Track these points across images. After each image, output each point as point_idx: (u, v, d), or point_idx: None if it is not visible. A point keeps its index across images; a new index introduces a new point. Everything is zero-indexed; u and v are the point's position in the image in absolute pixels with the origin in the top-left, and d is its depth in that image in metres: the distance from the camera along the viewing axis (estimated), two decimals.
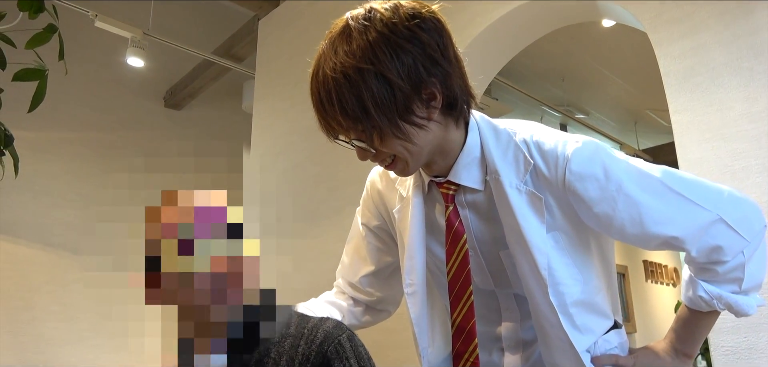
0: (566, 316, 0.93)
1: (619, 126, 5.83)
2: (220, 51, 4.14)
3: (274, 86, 3.38)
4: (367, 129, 0.85)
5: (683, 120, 1.69)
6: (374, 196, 1.15)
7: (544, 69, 4.61)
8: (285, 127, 3.19)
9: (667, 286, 6.57)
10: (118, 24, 3.37)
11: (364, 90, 0.82)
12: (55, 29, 1.29)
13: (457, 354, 0.99)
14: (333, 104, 0.84)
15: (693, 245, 0.93)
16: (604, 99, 5.25)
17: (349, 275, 1.18)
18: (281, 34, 3.48)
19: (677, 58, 1.73)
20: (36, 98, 1.27)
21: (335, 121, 0.86)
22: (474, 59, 2.39)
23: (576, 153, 0.90)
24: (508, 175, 0.93)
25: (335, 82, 0.83)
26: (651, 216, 0.91)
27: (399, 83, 0.83)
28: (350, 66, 0.82)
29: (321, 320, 0.90)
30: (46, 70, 1.28)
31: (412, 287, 1.02)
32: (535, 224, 0.92)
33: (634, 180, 0.91)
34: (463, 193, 0.99)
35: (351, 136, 0.88)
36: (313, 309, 1.11)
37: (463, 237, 0.97)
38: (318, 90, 0.86)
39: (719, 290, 0.96)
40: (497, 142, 0.96)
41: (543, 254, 0.91)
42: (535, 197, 0.92)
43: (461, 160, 0.96)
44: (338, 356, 0.84)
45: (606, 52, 4.41)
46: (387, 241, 1.15)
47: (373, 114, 0.83)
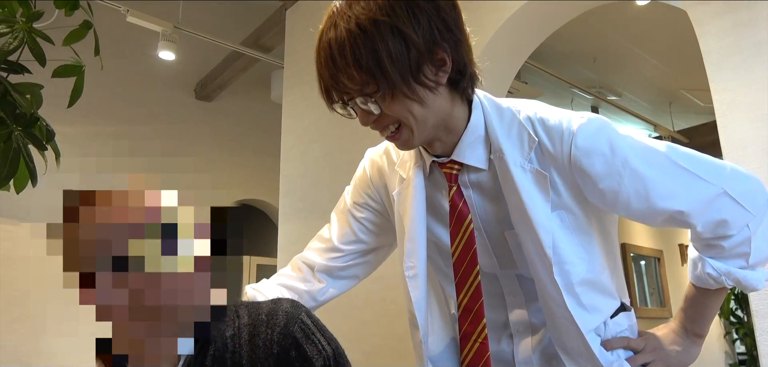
0: (572, 295, 0.92)
1: (653, 107, 5.69)
2: (248, 42, 4.17)
3: (303, 75, 3.39)
4: (381, 85, 0.82)
5: (726, 99, 1.63)
6: (374, 175, 1.13)
7: (574, 50, 4.52)
8: (315, 115, 3.20)
9: None
10: (149, 18, 3.42)
11: (380, 43, 0.80)
12: (90, 25, 1.30)
13: (465, 335, 0.98)
14: (345, 57, 0.82)
15: (698, 220, 0.92)
16: (638, 80, 5.12)
17: (328, 242, 1.15)
18: (308, 23, 3.49)
19: (719, 35, 1.67)
20: (74, 94, 1.29)
21: (346, 75, 0.83)
22: (504, 43, 2.35)
23: (581, 128, 0.90)
24: (513, 154, 0.93)
25: (350, 34, 0.81)
26: (656, 191, 0.91)
27: (414, 39, 0.82)
28: (367, 18, 0.81)
29: (275, 302, 0.89)
30: (83, 65, 1.30)
31: (413, 269, 1.01)
32: (540, 202, 0.91)
33: (640, 155, 0.91)
34: (467, 173, 0.97)
35: (358, 95, 0.85)
36: (264, 292, 1.09)
37: (467, 217, 0.96)
38: (328, 45, 0.84)
39: (727, 266, 0.95)
40: (501, 120, 0.95)
41: (548, 233, 0.91)
42: (540, 174, 0.92)
43: (465, 139, 0.94)
44: (305, 335, 0.85)
45: (640, 32, 4.30)
46: (377, 222, 1.13)
47: (387, 68, 0.81)
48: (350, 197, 1.16)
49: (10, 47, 1.16)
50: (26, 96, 1.19)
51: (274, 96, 4.63)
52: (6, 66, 1.18)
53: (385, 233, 1.14)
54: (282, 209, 3.26)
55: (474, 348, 0.98)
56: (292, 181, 3.25)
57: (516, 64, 2.57)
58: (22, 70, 1.20)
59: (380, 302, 2.47)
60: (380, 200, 1.12)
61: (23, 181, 1.21)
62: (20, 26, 1.18)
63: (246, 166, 5.17)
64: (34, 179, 1.20)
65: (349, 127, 2.86)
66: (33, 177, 1.19)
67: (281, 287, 1.12)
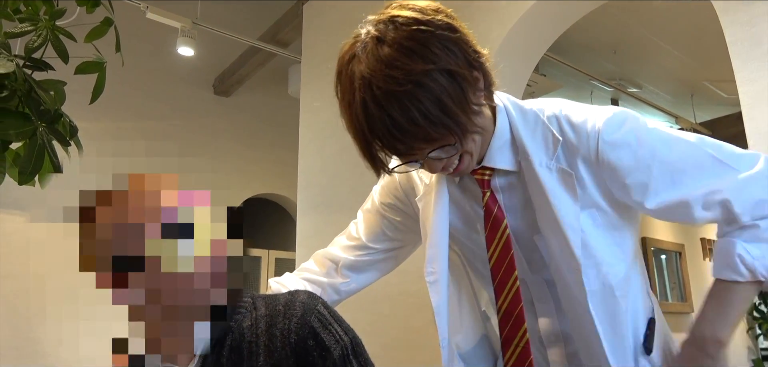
0: (599, 302, 0.90)
1: (675, 99, 5.60)
2: (265, 37, 4.18)
3: (320, 70, 3.39)
4: (455, 132, 0.80)
5: (752, 91, 1.60)
6: (401, 178, 1.13)
7: (594, 42, 4.46)
8: (332, 110, 3.19)
9: None
10: (169, 15, 3.46)
11: (439, 90, 0.77)
12: (111, 22, 1.32)
13: (506, 340, 0.97)
14: (411, 118, 0.77)
15: (736, 199, 0.87)
16: (659, 71, 5.04)
17: (357, 240, 1.17)
18: (325, 17, 3.49)
19: (745, 24, 1.63)
20: (96, 90, 1.31)
21: (414, 136, 0.79)
22: (522, 36, 2.33)
23: (607, 123, 0.89)
24: (538, 155, 0.92)
25: (407, 94, 0.76)
26: (688, 178, 0.88)
27: (461, 72, 0.80)
28: (417, 71, 0.77)
29: (292, 293, 0.91)
30: (105, 62, 1.32)
31: (433, 275, 1.00)
32: (568, 202, 0.90)
33: (667, 145, 0.89)
34: (497, 178, 0.97)
35: (433, 150, 0.83)
36: (288, 285, 1.11)
37: (503, 222, 0.96)
38: (381, 115, 0.78)
39: (762, 250, 0.87)
40: (525, 122, 0.95)
41: (576, 233, 0.89)
42: (566, 173, 0.90)
43: (494, 144, 0.94)
44: (323, 325, 0.86)
45: (661, 22, 4.23)
46: (405, 222, 1.14)
47: (455, 110, 0.78)
48: (378, 197, 1.17)
49: (34, 45, 1.18)
50: (50, 93, 1.21)
51: (291, 91, 4.64)
52: (30, 63, 1.20)
53: (412, 233, 1.15)
54: (300, 203, 3.27)
55: (516, 353, 0.96)
56: (310, 175, 3.26)
57: (535, 57, 2.55)
58: (46, 67, 1.22)
59: (400, 295, 2.47)
60: (407, 201, 1.13)
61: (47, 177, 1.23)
62: (44, 24, 1.20)
63: (264, 161, 5.20)
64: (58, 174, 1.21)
65: None
66: (57, 172, 1.21)
67: (304, 281, 1.14)
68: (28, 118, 1.13)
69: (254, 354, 0.85)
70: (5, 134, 1.10)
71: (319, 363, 0.84)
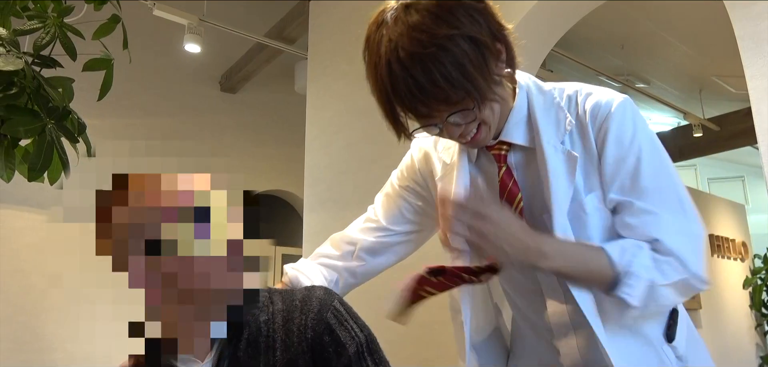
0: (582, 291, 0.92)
1: (683, 94, 5.57)
2: (272, 34, 4.19)
3: (327, 66, 3.39)
4: (474, 96, 0.83)
5: (762, 86, 1.58)
6: (420, 163, 1.15)
7: (601, 37, 4.44)
8: (339, 106, 3.20)
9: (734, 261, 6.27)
10: (175, 11, 3.47)
11: (460, 54, 0.80)
12: (119, 19, 1.32)
13: None
14: (433, 79, 0.80)
15: (666, 232, 0.88)
16: (667, 66, 5.01)
17: (376, 222, 1.18)
18: (332, 13, 3.49)
19: (754, 19, 1.62)
20: (104, 87, 1.32)
21: (438, 99, 0.82)
22: (529, 31, 2.32)
23: (621, 103, 0.94)
24: (548, 133, 0.95)
25: (430, 56, 0.79)
26: (643, 181, 0.90)
27: (484, 40, 0.83)
28: (440, 35, 0.80)
29: (308, 289, 0.92)
30: (112, 59, 1.32)
31: (454, 251, 1.01)
32: (563, 183, 0.92)
33: (651, 150, 0.92)
34: (513, 154, 0.99)
35: (451, 114, 0.85)
36: (303, 270, 1.11)
37: (517, 196, 0.97)
38: (404, 75, 0.81)
39: (633, 247, 0.87)
40: (542, 101, 0.98)
41: (562, 214, 0.91)
42: (570, 156, 0.93)
43: (511, 119, 0.97)
44: (339, 321, 0.87)
45: (669, 17, 4.20)
46: (423, 207, 1.16)
47: (475, 76, 0.81)
48: (398, 181, 1.19)
49: (42, 42, 1.18)
50: (58, 90, 1.22)
51: (298, 87, 4.65)
52: (39, 60, 1.20)
53: (428, 218, 1.17)
54: (307, 199, 3.28)
55: None
56: (317, 171, 3.27)
57: (542, 53, 2.54)
58: (54, 64, 1.23)
59: None
60: (426, 185, 1.15)
61: (56, 173, 1.24)
62: (52, 21, 1.21)
63: (271, 157, 5.21)
64: (67, 171, 1.22)
65: (373, 118, 2.86)
66: (66, 169, 1.22)
67: (320, 266, 1.15)
68: (37, 115, 1.14)
69: (271, 349, 0.86)
70: (15, 131, 1.11)
71: (335, 359, 0.85)
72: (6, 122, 1.10)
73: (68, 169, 1.22)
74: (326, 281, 1.13)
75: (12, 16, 1.27)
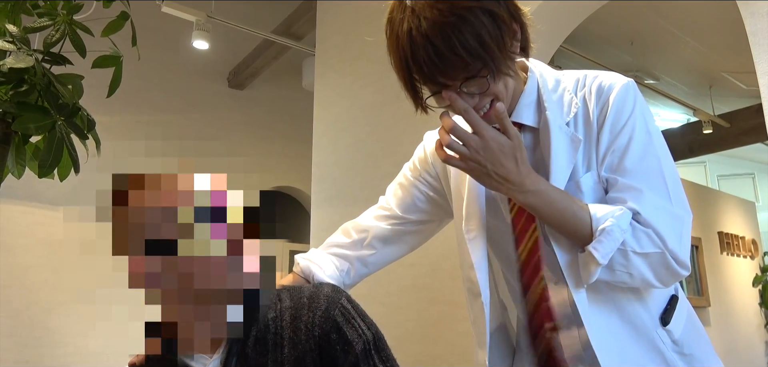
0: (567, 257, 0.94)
1: (693, 91, 5.53)
2: (279, 30, 4.19)
3: (334, 63, 3.40)
4: (488, 65, 0.85)
5: None
6: (431, 150, 1.18)
7: (611, 33, 4.42)
8: (346, 103, 3.20)
9: (744, 258, 6.23)
10: (183, 8, 3.48)
11: (479, 26, 0.83)
12: (127, 17, 1.33)
13: (525, 286, 1.03)
14: (452, 47, 0.83)
15: (645, 205, 0.89)
16: (676, 63, 4.98)
17: (389, 210, 1.20)
18: (340, 10, 3.49)
19: (766, 15, 1.61)
20: (113, 84, 1.33)
21: (453, 63, 0.85)
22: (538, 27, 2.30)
23: (624, 85, 0.97)
24: (555, 114, 0.97)
25: (450, 25, 0.83)
26: (629, 168, 0.92)
27: (502, 16, 0.86)
28: (461, 6, 0.83)
29: (316, 286, 0.93)
30: (121, 56, 1.33)
31: (472, 232, 1.05)
32: (563, 162, 0.95)
33: (643, 134, 0.94)
34: (523, 135, 1.01)
35: (463, 81, 0.87)
36: (315, 259, 1.12)
37: None
38: (424, 43, 0.84)
39: (618, 214, 0.87)
40: (551, 84, 1.01)
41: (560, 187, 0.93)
42: (574, 138, 0.96)
43: (523, 101, 1.00)
44: (346, 319, 0.87)
45: (679, 13, 4.17)
46: (434, 197, 1.19)
47: (492, 47, 0.84)
48: (411, 172, 1.22)
49: (52, 39, 1.19)
50: (68, 87, 1.23)
51: (305, 84, 4.66)
52: (49, 58, 1.21)
53: (440, 208, 1.19)
54: (314, 196, 3.29)
55: (535, 295, 1.02)
56: (324, 168, 3.27)
57: (550, 49, 2.53)
58: (64, 61, 1.24)
59: (413, 288, 2.47)
60: (437, 176, 1.18)
61: (66, 170, 1.25)
62: (62, 19, 1.22)
63: (278, 154, 5.22)
64: (76, 167, 1.23)
65: (380, 115, 2.86)
66: (75, 165, 1.23)
67: (331, 256, 1.16)
68: (47, 112, 1.15)
69: (279, 346, 0.86)
70: (25, 128, 1.12)
71: (342, 357, 0.85)
72: (17, 119, 1.11)
73: (78, 166, 1.23)
74: (337, 270, 1.14)
75: (22, 14, 1.28)
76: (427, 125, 1.18)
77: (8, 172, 1.23)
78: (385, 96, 2.83)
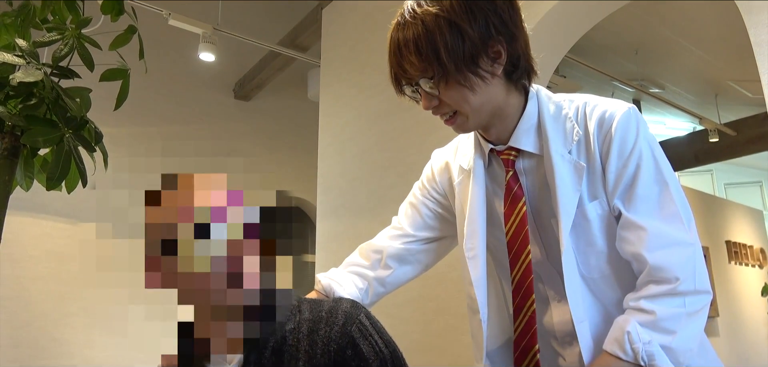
0: (585, 291, 0.97)
1: (698, 99, 5.51)
2: (285, 42, 4.22)
3: (340, 74, 3.41)
4: (437, 72, 0.92)
5: None
6: (439, 172, 1.21)
7: (615, 43, 4.42)
8: (352, 113, 3.21)
9: (752, 268, 6.18)
10: (190, 21, 3.50)
11: (438, 35, 0.90)
12: (135, 30, 1.34)
13: (517, 308, 1.03)
14: (409, 46, 0.92)
15: (652, 247, 0.91)
16: (682, 71, 4.97)
17: (400, 229, 1.23)
18: (344, 21, 3.50)
19: None
20: (120, 96, 1.33)
21: (408, 62, 0.93)
22: (543, 37, 2.31)
23: (625, 113, 0.98)
24: (556, 141, 0.99)
25: (414, 27, 0.92)
26: (638, 191, 0.94)
27: (470, 33, 0.90)
28: (429, 14, 0.91)
29: (336, 301, 0.92)
30: (129, 69, 1.34)
31: (472, 250, 1.07)
32: (570, 191, 0.97)
33: (650, 162, 0.95)
34: (522, 160, 1.04)
35: (418, 79, 0.95)
36: (335, 278, 1.14)
37: (521, 200, 1.02)
38: (397, 36, 0.95)
39: (651, 338, 0.88)
40: (552, 111, 1.03)
41: (569, 220, 0.96)
42: (577, 165, 0.98)
43: (521, 126, 1.02)
44: (363, 335, 0.86)
45: (684, 22, 4.16)
46: (443, 214, 1.22)
47: (443, 57, 0.90)
48: (419, 190, 1.25)
49: (61, 53, 1.21)
50: (76, 100, 1.23)
51: (310, 94, 4.67)
52: (57, 71, 1.22)
53: (448, 225, 1.22)
54: (320, 206, 3.29)
55: (524, 320, 1.03)
56: (330, 179, 3.28)
57: (556, 59, 2.53)
58: (72, 75, 1.25)
59: (420, 299, 2.47)
60: (444, 192, 1.21)
61: (74, 182, 1.26)
62: (70, 33, 1.23)
63: (284, 164, 5.24)
64: (84, 180, 1.24)
65: (385, 126, 2.86)
66: (83, 178, 1.24)
67: (351, 275, 1.18)
68: (56, 125, 1.16)
69: (294, 359, 0.86)
70: (34, 141, 1.13)
71: None
72: (25, 133, 1.12)
73: (86, 179, 1.24)
74: (357, 289, 1.16)
75: (31, 28, 1.30)
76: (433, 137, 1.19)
77: (16, 184, 1.24)
78: (390, 106, 2.84)
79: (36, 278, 3.89)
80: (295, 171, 5.26)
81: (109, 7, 1.34)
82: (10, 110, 1.15)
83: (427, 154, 1.29)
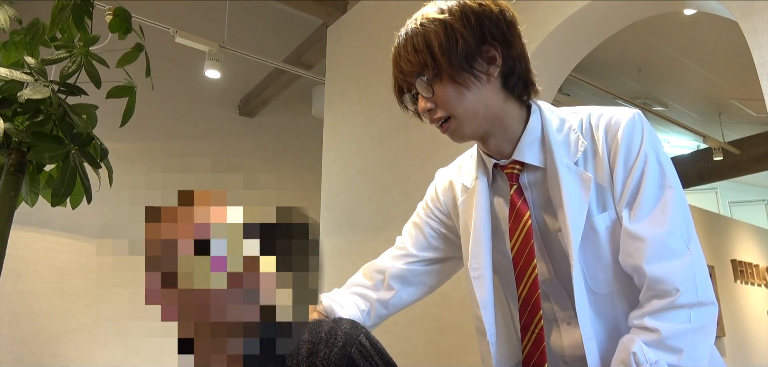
0: (596, 306, 0.96)
1: (702, 118, 5.51)
2: (290, 59, 4.25)
3: (344, 91, 3.43)
4: (431, 67, 0.95)
5: None
6: (443, 191, 1.19)
7: (618, 61, 4.43)
8: (356, 131, 3.22)
9: (758, 287, 6.14)
10: (196, 39, 3.53)
11: (433, 35, 0.95)
12: (142, 48, 1.35)
13: (524, 326, 1.02)
14: (407, 47, 0.97)
15: (650, 259, 0.90)
16: (685, 90, 4.98)
17: (403, 249, 1.21)
18: (349, 40, 3.53)
19: None
20: (126, 113, 1.34)
21: (405, 60, 0.98)
22: (547, 57, 2.32)
23: (631, 118, 0.98)
24: (561, 154, 0.99)
25: (414, 31, 0.97)
26: (641, 203, 0.93)
27: (463, 33, 0.94)
28: (427, 19, 0.97)
29: (335, 321, 0.91)
30: (135, 87, 1.35)
31: (477, 270, 1.06)
32: (578, 204, 0.95)
33: (654, 168, 0.94)
34: (526, 174, 1.03)
35: (415, 79, 0.97)
36: (338, 299, 1.12)
37: (526, 214, 1.00)
38: (398, 43, 1.00)
39: (658, 357, 0.87)
40: (556, 123, 1.03)
41: (578, 233, 0.94)
42: (584, 176, 0.97)
43: (525, 139, 1.01)
44: (363, 356, 0.85)
45: (687, 41, 4.18)
46: (446, 234, 1.20)
47: (436, 52, 0.94)
48: (423, 210, 1.24)
49: (68, 71, 1.22)
50: (82, 117, 1.24)
51: (315, 111, 4.70)
52: (64, 88, 1.24)
53: (452, 245, 1.20)
54: (323, 223, 3.29)
55: (532, 339, 1.01)
56: (334, 195, 3.28)
57: (560, 77, 2.54)
58: (79, 92, 1.26)
59: (423, 317, 2.46)
60: (448, 212, 1.20)
61: (78, 198, 1.26)
62: (78, 50, 1.24)
63: (287, 181, 5.25)
64: (89, 196, 1.25)
65: (389, 143, 2.87)
66: (88, 194, 1.24)
67: (354, 296, 1.16)
68: (62, 142, 1.17)
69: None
70: (40, 158, 1.14)
71: None
72: (32, 149, 1.13)
73: (90, 195, 1.24)
74: (359, 310, 1.13)
75: (40, 46, 1.31)
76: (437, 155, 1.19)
77: (21, 200, 1.25)
78: (394, 124, 2.85)
79: (39, 294, 3.89)
80: (298, 187, 5.26)
81: (117, 25, 1.35)
82: (17, 127, 1.16)
83: (431, 172, 1.28)
